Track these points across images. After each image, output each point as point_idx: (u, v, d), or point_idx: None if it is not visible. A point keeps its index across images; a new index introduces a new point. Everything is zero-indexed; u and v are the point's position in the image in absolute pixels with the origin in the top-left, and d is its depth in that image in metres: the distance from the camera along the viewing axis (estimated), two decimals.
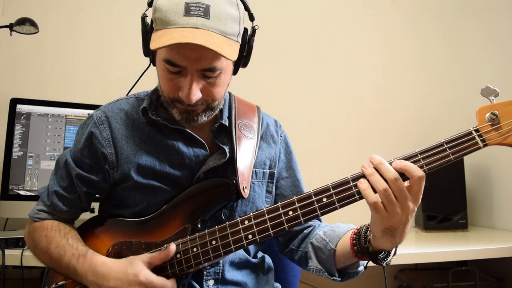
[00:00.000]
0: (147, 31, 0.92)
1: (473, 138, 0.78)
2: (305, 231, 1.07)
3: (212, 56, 0.84)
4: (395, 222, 0.77)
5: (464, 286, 1.78)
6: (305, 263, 1.03)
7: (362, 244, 0.88)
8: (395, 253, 0.88)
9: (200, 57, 0.84)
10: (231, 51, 0.85)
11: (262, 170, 1.05)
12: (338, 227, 1.00)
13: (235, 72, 0.98)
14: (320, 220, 1.10)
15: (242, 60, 0.96)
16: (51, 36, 1.91)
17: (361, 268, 0.96)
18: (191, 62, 0.85)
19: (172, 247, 0.87)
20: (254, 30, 0.96)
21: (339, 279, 0.96)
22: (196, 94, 0.87)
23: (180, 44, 0.80)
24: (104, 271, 0.85)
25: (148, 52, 0.94)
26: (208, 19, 0.83)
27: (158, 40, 0.83)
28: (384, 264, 0.88)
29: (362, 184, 0.78)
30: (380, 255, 0.86)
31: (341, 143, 2.22)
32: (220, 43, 0.83)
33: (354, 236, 0.90)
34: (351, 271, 0.96)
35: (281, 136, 1.13)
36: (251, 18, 0.97)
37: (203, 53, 0.83)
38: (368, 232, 0.88)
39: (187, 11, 0.82)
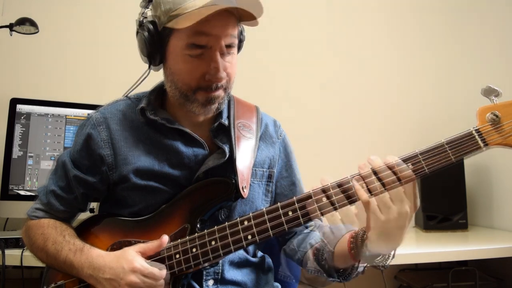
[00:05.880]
0: (150, 31, 0.92)
1: (474, 138, 0.77)
2: (305, 231, 1.07)
3: (232, 27, 0.90)
4: (391, 226, 0.77)
5: (464, 286, 1.78)
6: (305, 264, 1.03)
7: (359, 248, 0.86)
8: (393, 256, 0.87)
9: (223, 32, 0.88)
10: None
11: (261, 170, 1.05)
12: (338, 228, 0.99)
13: None
14: (321, 220, 1.10)
15: (239, 46, 1.00)
16: (51, 36, 1.91)
17: (360, 269, 0.95)
18: (216, 39, 0.88)
19: (165, 238, 0.87)
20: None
21: (338, 280, 0.95)
22: (223, 71, 0.90)
23: (205, 20, 0.83)
24: (100, 262, 0.86)
25: (156, 53, 0.94)
26: None
27: (187, 20, 0.85)
28: (382, 268, 0.87)
29: (356, 184, 0.78)
30: (378, 259, 0.85)
31: (343, 143, 2.22)
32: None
33: (352, 239, 0.89)
34: (351, 271, 0.95)
35: (280, 136, 1.13)
36: None
37: (226, 28, 0.88)
38: (365, 235, 0.86)
39: None
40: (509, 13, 2.02)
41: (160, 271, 0.84)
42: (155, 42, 0.93)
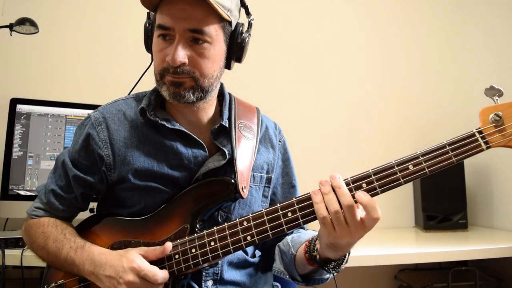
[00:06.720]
0: (146, 27, 0.96)
1: (476, 140, 0.77)
2: (281, 236, 1.08)
3: (200, 18, 0.87)
4: (341, 241, 0.79)
5: (464, 286, 1.77)
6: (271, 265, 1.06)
7: (311, 252, 0.90)
8: (346, 261, 0.89)
9: (187, 17, 0.86)
10: (220, 10, 0.87)
11: (259, 174, 1.05)
12: (304, 233, 1.02)
13: (228, 65, 0.98)
14: (303, 228, 1.11)
15: (235, 51, 0.96)
16: (51, 36, 1.91)
17: (327, 275, 0.96)
18: (179, 21, 0.87)
19: (169, 245, 0.87)
20: (250, 24, 0.97)
21: (304, 283, 0.98)
22: (181, 56, 0.87)
23: (170, 2, 0.85)
24: (101, 259, 0.86)
25: (148, 39, 0.97)
26: None
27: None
28: (334, 272, 0.89)
29: (316, 196, 0.79)
30: (330, 264, 0.88)
31: (340, 144, 2.22)
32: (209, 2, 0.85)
33: (308, 243, 0.92)
34: (317, 277, 0.97)
35: (279, 141, 1.13)
36: (247, 12, 0.98)
37: (191, 13, 0.86)
38: (316, 241, 0.90)
39: None
40: (509, 12, 2.02)
41: (160, 275, 0.84)
42: (148, 30, 0.97)
